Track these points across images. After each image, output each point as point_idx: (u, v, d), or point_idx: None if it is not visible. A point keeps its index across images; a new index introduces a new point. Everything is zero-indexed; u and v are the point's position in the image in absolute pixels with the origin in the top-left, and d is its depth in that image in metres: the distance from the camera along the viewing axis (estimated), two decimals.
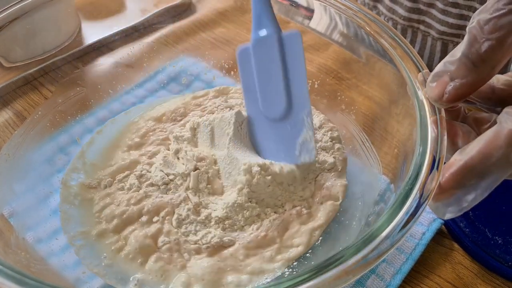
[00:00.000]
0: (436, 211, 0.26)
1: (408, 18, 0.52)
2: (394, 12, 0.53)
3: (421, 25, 0.52)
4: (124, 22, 0.49)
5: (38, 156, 0.41)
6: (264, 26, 0.36)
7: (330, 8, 0.41)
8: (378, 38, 0.36)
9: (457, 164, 0.25)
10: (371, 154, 0.39)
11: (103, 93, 0.47)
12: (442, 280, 0.36)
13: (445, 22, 0.50)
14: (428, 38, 0.53)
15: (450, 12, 0.49)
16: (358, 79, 0.43)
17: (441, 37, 0.51)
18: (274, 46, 0.36)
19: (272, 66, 0.36)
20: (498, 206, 0.40)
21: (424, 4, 0.51)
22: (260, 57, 0.37)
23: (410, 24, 0.53)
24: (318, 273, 0.23)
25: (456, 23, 0.49)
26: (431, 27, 0.51)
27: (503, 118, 0.24)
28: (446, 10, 0.49)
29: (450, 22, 0.49)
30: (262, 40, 0.36)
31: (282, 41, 0.36)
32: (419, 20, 0.52)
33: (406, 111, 0.32)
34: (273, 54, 0.36)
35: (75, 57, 0.47)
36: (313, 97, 0.46)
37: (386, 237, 0.24)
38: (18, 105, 0.42)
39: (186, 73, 0.51)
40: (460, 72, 0.25)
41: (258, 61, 0.37)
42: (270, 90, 0.37)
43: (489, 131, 0.24)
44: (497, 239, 0.38)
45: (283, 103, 0.36)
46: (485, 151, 0.24)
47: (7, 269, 0.24)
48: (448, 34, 0.50)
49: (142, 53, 0.50)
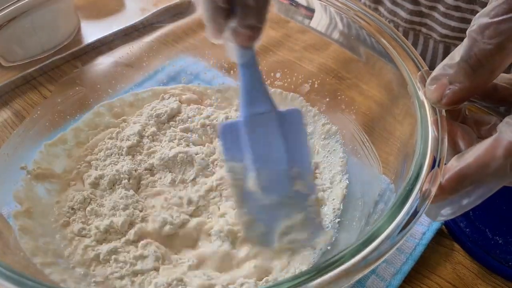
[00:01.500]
0: (428, 213, 0.26)
1: (410, 20, 0.52)
2: (396, 14, 0.53)
3: (423, 27, 0.52)
4: (124, 21, 0.49)
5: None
6: (258, 101, 0.33)
7: (330, 7, 0.40)
8: (378, 38, 0.36)
9: (453, 170, 0.25)
10: (371, 154, 0.39)
11: (102, 93, 0.47)
12: (442, 280, 0.36)
13: (447, 25, 0.49)
14: (430, 41, 0.52)
15: (452, 15, 0.48)
16: (359, 78, 0.43)
17: (443, 40, 0.51)
18: (273, 123, 0.33)
19: (271, 145, 0.34)
20: (498, 206, 0.40)
21: (426, 7, 0.50)
22: (255, 136, 0.33)
23: (412, 26, 0.53)
24: (318, 273, 0.22)
25: (458, 26, 0.49)
26: (433, 29, 0.51)
27: (503, 128, 0.24)
28: (448, 13, 0.49)
29: (452, 25, 0.49)
30: (257, 116, 0.33)
31: (281, 118, 0.33)
32: (421, 23, 0.52)
33: (407, 110, 0.32)
34: (272, 132, 0.33)
35: (74, 56, 0.47)
36: (313, 97, 0.46)
37: (387, 238, 0.24)
38: (17, 105, 0.42)
39: (185, 72, 0.50)
40: (459, 76, 0.25)
41: (253, 139, 0.33)
42: (269, 168, 0.34)
43: (489, 139, 0.24)
44: (497, 239, 0.38)
45: (286, 184, 0.34)
46: (482, 161, 0.24)
47: (5, 270, 0.23)
48: (450, 37, 0.50)
49: (141, 53, 0.49)
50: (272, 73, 0.48)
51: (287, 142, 0.34)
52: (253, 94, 0.33)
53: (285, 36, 0.50)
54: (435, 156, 0.27)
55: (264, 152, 0.33)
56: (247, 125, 0.33)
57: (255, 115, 0.33)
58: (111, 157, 0.41)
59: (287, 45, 0.50)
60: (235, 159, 0.34)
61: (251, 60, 0.32)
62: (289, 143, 0.34)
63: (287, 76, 0.48)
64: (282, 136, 0.34)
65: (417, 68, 0.32)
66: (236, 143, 0.34)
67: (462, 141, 0.27)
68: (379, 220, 0.25)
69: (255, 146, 0.33)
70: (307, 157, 0.35)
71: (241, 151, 0.34)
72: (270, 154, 0.34)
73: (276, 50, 0.50)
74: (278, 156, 0.34)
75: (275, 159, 0.34)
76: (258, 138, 0.33)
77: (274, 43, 0.50)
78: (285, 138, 0.34)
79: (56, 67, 0.45)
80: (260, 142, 0.33)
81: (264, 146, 0.33)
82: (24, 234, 0.34)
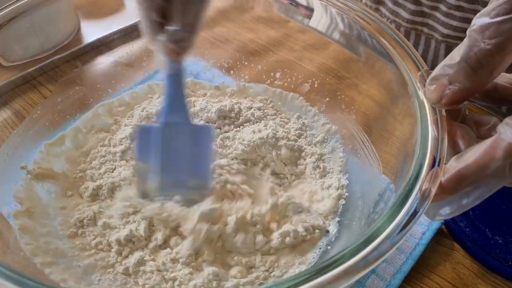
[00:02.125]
0: (427, 213, 0.26)
1: (411, 20, 0.52)
2: (397, 15, 0.53)
3: (425, 27, 0.52)
4: (123, 21, 0.49)
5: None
6: (176, 111, 0.35)
7: (330, 7, 0.40)
8: (378, 37, 0.36)
9: (452, 171, 0.25)
10: (371, 154, 0.39)
11: (102, 92, 0.47)
12: (442, 280, 0.36)
13: (449, 25, 0.49)
14: (432, 41, 0.52)
15: (454, 15, 0.48)
16: (358, 78, 0.43)
17: (445, 40, 0.51)
18: (185, 135, 0.36)
19: (178, 154, 0.36)
20: (498, 206, 0.40)
21: (427, 7, 0.50)
22: (166, 142, 0.36)
23: (414, 26, 0.52)
24: (318, 273, 0.22)
25: (460, 26, 0.49)
26: (435, 29, 0.51)
27: (503, 129, 0.24)
28: (450, 13, 0.48)
29: (454, 25, 0.49)
30: (173, 125, 0.35)
31: (193, 131, 0.36)
32: (423, 23, 0.52)
33: (407, 110, 0.32)
34: (183, 143, 0.36)
35: (74, 56, 0.46)
36: (313, 96, 0.46)
37: (386, 238, 0.24)
38: (17, 104, 0.42)
39: (185, 72, 0.50)
40: (459, 76, 0.25)
41: (164, 145, 0.36)
42: (172, 177, 0.36)
43: (488, 140, 0.24)
44: (497, 238, 0.38)
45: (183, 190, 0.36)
46: (481, 162, 0.24)
47: (5, 270, 0.23)
48: (452, 37, 0.50)
49: (141, 52, 0.49)
50: (272, 73, 0.48)
51: (193, 155, 0.36)
52: (174, 105, 0.35)
53: (285, 35, 0.50)
54: (435, 156, 0.27)
55: (170, 159, 0.36)
56: (163, 131, 0.35)
57: (171, 124, 0.35)
58: (106, 164, 0.41)
59: (287, 45, 0.50)
60: (144, 159, 0.36)
61: (178, 73, 0.35)
62: (195, 156, 0.36)
63: (287, 76, 0.48)
64: (190, 148, 0.36)
65: (417, 68, 0.32)
66: (148, 146, 0.35)
67: (462, 141, 0.27)
68: (379, 220, 0.25)
69: (164, 151, 0.35)
70: (207, 171, 0.36)
71: (151, 154, 0.35)
72: (175, 162, 0.36)
73: (276, 50, 0.50)
74: (182, 166, 0.36)
75: (178, 168, 0.36)
76: (168, 145, 0.35)
77: (274, 43, 0.50)
78: (192, 151, 0.36)
79: (56, 67, 0.45)
80: (169, 149, 0.35)
81: (172, 153, 0.36)
82: (24, 233, 0.34)
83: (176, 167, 0.36)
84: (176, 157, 0.36)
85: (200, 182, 0.36)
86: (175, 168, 0.36)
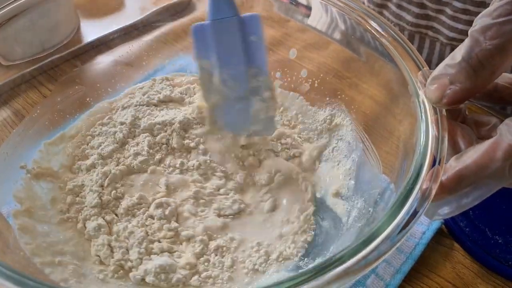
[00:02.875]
0: (426, 212, 0.26)
1: (416, 24, 0.51)
2: (401, 18, 0.52)
3: (429, 31, 0.51)
4: (123, 20, 0.49)
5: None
6: (222, 5, 0.37)
7: (330, 6, 0.40)
8: (378, 37, 0.35)
9: (451, 171, 0.25)
10: (372, 154, 0.39)
11: (102, 92, 0.47)
12: (442, 280, 0.36)
13: (455, 28, 0.49)
14: (437, 44, 0.52)
15: (460, 18, 0.48)
16: (359, 78, 0.43)
17: (450, 43, 0.50)
18: (235, 27, 0.37)
19: (234, 46, 0.37)
20: (498, 206, 0.40)
21: (433, 10, 0.50)
22: (220, 37, 0.37)
23: (418, 30, 0.52)
24: (318, 273, 0.22)
25: (466, 29, 0.48)
26: (440, 33, 0.51)
27: (503, 130, 0.24)
28: (456, 17, 0.48)
29: (459, 28, 0.49)
30: (222, 21, 0.37)
31: (242, 22, 0.37)
32: (427, 26, 0.51)
33: (407, 110, 0.32)
34: (234, 35, 0.37)
35: (74, 55, 0.46)
36: (313, 96, 0.46)
37: (386, 238, 0.24)
38: (17, 104, 0.42)
39: (185, 71, 0.50)
40: (460, 76, 0.25)
41: (218, 40, 0.37)
42: (231, 68, 0.38)
43: (488, 141, 0.24)
44: (497, 238, 0.38)
45: (245, 83, 0.38)
46: (481, 162, 0.24)
47: (5, 270, 0.23)
48: (458, 40, 0.49)
49: (141, 52, 0.49)
50: (272, 73, 0.48)
51: (246, 46, 0.38)
52: (219, 0, 0.37)
53: (285, 35, 0.50)
54: (435, 156, 0.26)
55: (227, 53, 0.38)
56: (214, 27, 0.37)
57: (220, 19, 0.37)
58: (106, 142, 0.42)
59: (287, 44, 0.49)
60: (204, 57, 0.38)
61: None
62: (249, 48, 0.38)
63: (287, 75, 0.48)
64: (243, 40, 0.37)
65: (418, 68, 0.32)
66: (205, 43, 0.38)
67: (462, 141, 0.27)
68: (379, 220, 0.25)
69: (219, 47, 0.37)
70: (263, 58, 0.38)
71: (209, 50, 0.38)
72: (232, 55, 0.38)
73: (276, 49, 0.50)
74: (238, 58, 0.38)
75: (236, 60, 0.38)
76: (221, 40, 0.37)
77: (274, 42, 0.50)
78: (245, 41, 0.37)
79: (55, 66, 0.45)
80: (223, 44, 0.37)
81: (227, 47, 0.38)
82: (24, 233, 0.34)
83: (233, 59, 0.38)
84: (231, 50, 0.38)
85: (259, 68, 0.38)
86: (232, 60, 0.38)
